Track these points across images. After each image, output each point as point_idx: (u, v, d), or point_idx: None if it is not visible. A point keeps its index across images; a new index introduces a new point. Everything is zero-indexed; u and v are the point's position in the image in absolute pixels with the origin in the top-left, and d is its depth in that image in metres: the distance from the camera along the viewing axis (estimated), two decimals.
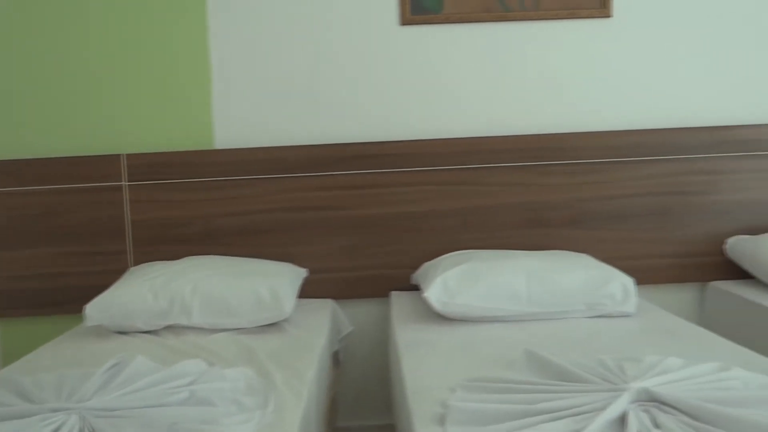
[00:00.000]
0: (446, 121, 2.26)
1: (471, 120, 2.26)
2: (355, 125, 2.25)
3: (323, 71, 2.23)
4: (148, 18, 2.19)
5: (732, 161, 2.26)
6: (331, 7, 2.21)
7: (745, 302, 2.04)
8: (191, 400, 1.23)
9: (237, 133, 2.23)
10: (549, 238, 2.24)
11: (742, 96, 2.29)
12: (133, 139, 2.23)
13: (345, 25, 2.22)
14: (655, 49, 2.26)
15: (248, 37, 2.21)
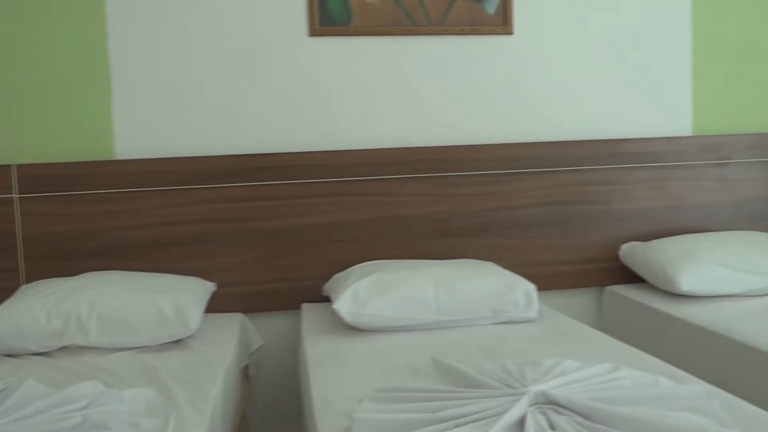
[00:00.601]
0: (356, 132, 2.27)
1: (381, 131, 2.28)
2: (262, 136, 2.22)
3: (231, 80, 2.19)
4: (40, 19, 2.08)
5: (626, 172, 2.40)
6: (240, 16, 2.18)
7: (636, 305, 2.16)
8: (84, 424, 1.16)
9: (139, 143, 2.15)
10: (457, 247, 2.29)
11: (635, 111, 2.44)
12: (26, 149, 2.10)
13: (253, 35, 2.19)
14: (554, 65, 2.38)
15: (151, 43, 2.14)
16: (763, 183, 2.47)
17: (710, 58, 2.48)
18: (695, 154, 2.43)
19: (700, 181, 2.44)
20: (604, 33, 2.40)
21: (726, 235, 2.27)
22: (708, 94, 2.48)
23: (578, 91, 2.40)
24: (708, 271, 2.04)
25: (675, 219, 2.43)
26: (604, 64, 2.41)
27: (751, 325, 1.75)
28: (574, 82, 2.40)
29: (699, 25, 2.46)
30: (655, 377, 1.30)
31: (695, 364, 1.83)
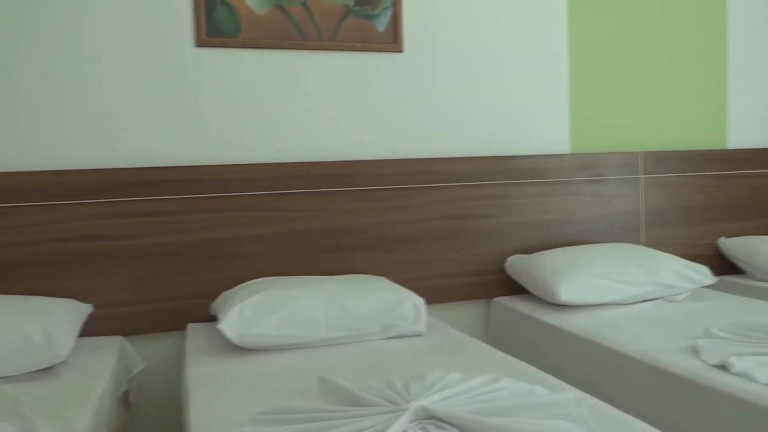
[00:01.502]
0: (244, 145, 2.22)
1: (270, 145, 2.25)
2: (145, 148, 2.12)
3: (112, 90, 2.08)
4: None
5: (512, 187, 2.50)
6: (123, 24, 2.08)
7: (521, 315, 2.25)
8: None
9: (9, 155, 1.99)
10: (349, 262, 2.29)
11: (519, 129, 2.55)
12: None
13: (137, 44, 2.10)
14: (443, 84, 2.44)
15: (26, 47, 1.99)
16: (633, 198, 2.65)
17: (585, 82, 2.64)
18: (573, 171, 2.58)
19: (578, 197, 2.58)
20: (489, 55, 2.50)
21: (602, 247, 2.42)
22: (583, 115, 2.64)
23: (465, 109, 2.48)
24: (585, 281, 2.15)
25: (557, 232, 2.55)
26: (490, 84, 2.51)
27: (622, 333, 1.86)
28: (461, 100, 2.47)
29: (574, 52, 2.61)
30: (531, 387, 1.34)
31: (574, 371, 1.92)
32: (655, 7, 2.72)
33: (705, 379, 1.46)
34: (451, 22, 2.44)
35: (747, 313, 2.02)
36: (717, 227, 2.79)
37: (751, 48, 2.89)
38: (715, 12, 2.82)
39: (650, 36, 2.72)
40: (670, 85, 2.77)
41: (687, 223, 2.74)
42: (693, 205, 2.75)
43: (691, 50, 2.79)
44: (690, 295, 2.31)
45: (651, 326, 1.92)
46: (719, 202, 2.80)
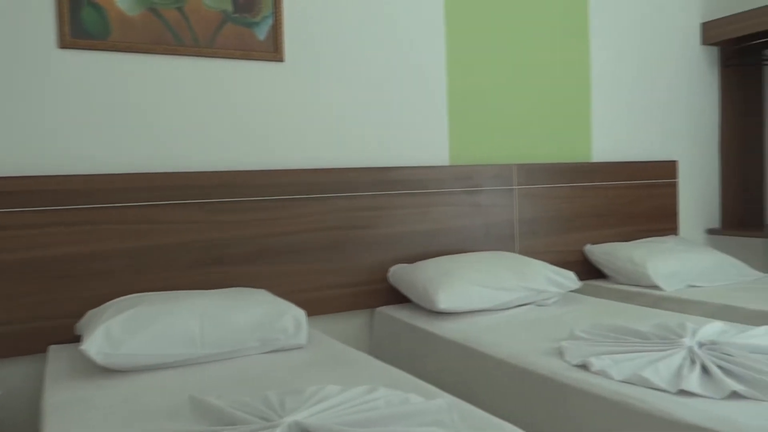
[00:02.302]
0: (113, 154, 2.10)
1: (141, 154, 2.14)
2: (3, 156, 1.95)
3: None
4: None
5: (393, 198, 2.54)
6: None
7: (403, 324, 2.29)
8: None
9: None
10: (229, 276, 2.22)
11: (399, 141, 2.60)
12: None
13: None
14: (324, 95, 2.44)
15: None
16: (507, 208, 2.78)
17: (463, 97, 2.74)
18: (452, 182, 2.66)
19: (457, 207, 2.67)
20: (370, 67, 2.53)
21: (478, 255, 2.51)
22: (461, 129, 2.74)
23: (347, 120, 2.49)
24: (462, 289, 2.22)
25: (437, 241, 2.62)
26: (372, 96, 2.54)
27: (495, 337, 1.94)
28: (343, 111, 2.48)
29: (452, 69, 2.71)
30: (406, 395, 1.36)
31: (452, 377, 1.98)
32: (526, 30, 2.88)
33: (567, 379, 1.55)
34: (332, 34, 2.45)
35: (608, 315, 2.17)
36: (583, 235, 2.99)
37: (610, 71, 3.13)
38: (579, 37, 3.03)
39: (522, 57, 2.88)
40: (540, 103, 2.94)
41: (556, 231, 2.91)
42: (561, 214, 2.93)
43: (559, 71, 2.98)
44: (559, 299, 2.45)
45: (522, 330, 2.02)
46: (585, 212, 3.00)
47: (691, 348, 1.59)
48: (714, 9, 3.41)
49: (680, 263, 2.71)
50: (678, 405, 1.33)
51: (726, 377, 1.41)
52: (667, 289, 2.57)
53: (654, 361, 1.54)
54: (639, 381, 1.46)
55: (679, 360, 1.54)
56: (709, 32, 3.34)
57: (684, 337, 1.70)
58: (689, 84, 3.37)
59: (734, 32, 3.22)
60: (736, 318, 2.21)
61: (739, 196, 3.48)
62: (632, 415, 1.37)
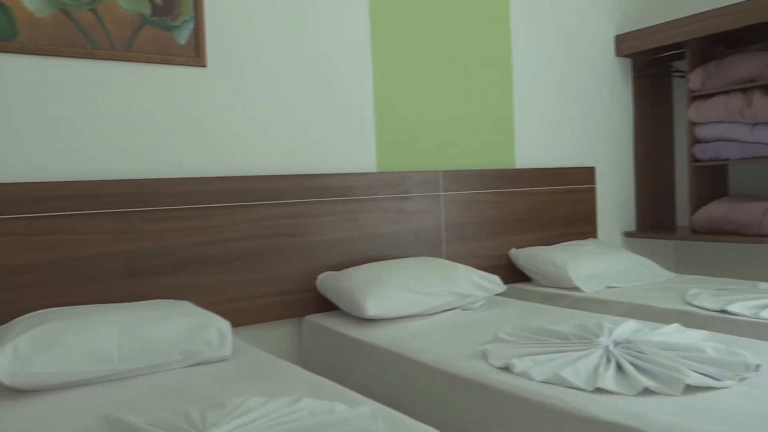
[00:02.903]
0: (26, 162, 1.99)
1: (54, 162, 2.04)
2: None
3: None
4: None
5: (321, 205, 2.52)
6: None
7: (331, 332, 2.27)
8: None
9: None
10: (150, 287, 2.15)
11: (327, 148, 2.59)
12: None
13: None
14: (248, 101, 2.40)
15: None
16: (434, 214, 2.82)
17: (389, 104, 2.76)
18: (381, 189, 2.68)
19: (385, 213, 2.68)
20: (295, 74, 2.51)
21: (406, 261, 2.53)
22: (389, 136, 2.76)
23: (273, 127, 2.46)
24: (390, 295, 2.23)
25: (365, 248, 2.62)
26: (298, 102, 2.52)
27: (422, 343, 1.96)
28: (269, 118, 2.45)
29: (378, 77, 2.73)
30: (331, 404, 1.35)
31: (381, 383, 1.98)
32: (450, 40, 2.94)
33: (490, 381, 1.58)
34: (257, 39, 2.42)
35: (531, 317, 2.23)
36: (508, 239, 3.07)
37: (531, 81, 3.23)
38: (502, 48, 3.11)
39: (447, 66, 2.93)
40: (465, 111, 2.99)
41: (482, 236, 2.97)
42: (487, 220, 2.99)
43: (483, 81, 3.05)
44: (485, 302, 2.50)
45: (449, 334, 2.05)
46: (509, 217, 3.07)
47: (607, 347, 1.65)
48: (627, 22, 3.58)
49: (599, 265, 2.82)
50: (593, 403, 1.37)
51: (638, 374, 1.47)
52: (587, 291, 2.67)
53: (572, 360, 1.59)
54: (558, 381, 1.50)
55: (596, 359, 1.59)
56: (623, 45, 3.51)
57: (601, 336, 1.76)
58: (605, 94, 3.52)
59: (645, 45, 3.39)
60: (649, 316, 2.31)
61: (652, 201, 3.66)
62: (551, 415, 1.41)
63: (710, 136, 3.21)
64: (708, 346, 1.65)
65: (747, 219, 3.02)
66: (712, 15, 3.07)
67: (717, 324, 2.14)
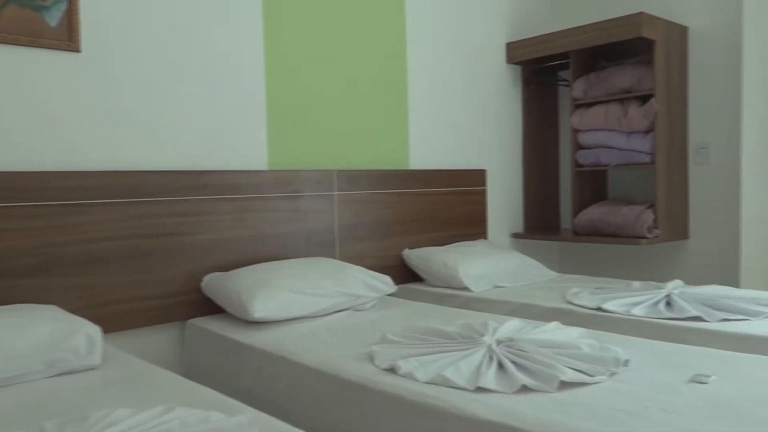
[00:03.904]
0: None
1: None
2: None
3: None
4: None
5: (208, 203, 2.41)
6: None
7: (216, 336, 2.17)
8: None
9: None
10: (11, 291, 1.96)
11: (214, 144, 2.48)
12: None
13: None
14: (130, 91, 2.26)
15: None
16: (327, 214, 2.78)
17: (282, 101, 2.69)
18: (272, 188, 2.60)
19: (276, 213, 2.61)
20: (182, 65, 2.39)
21: (296, 261, 2.47)
22: (281, 133, 2.69)
23: (156, 120, 2.33)
24: (278, 297, 2.16)
25: (255, 248, 2.54)
26: (184, 95, 2.40)
27: (309, 345, 1.91)
28: (153, 110, 2.31)
29: (271, 72, 2.65)
30: (206, 413, 1.28)
31: (266, 388, 1.91)
32: (346, 40, 2.91)
33: (375, 383, 1.56)
34: (139, 25, 2.27)
35: (421, 317, 2.24)
36: (401, 239, 3.08)
37: (425, 84, 3.27)
38: (397, 50, 3.13)
39: (342, 66, 2.90)
40: (360, 112, 2.98)
41: (376, 236, 2.97)
42: (381, 220, 2.99)
43: (378, 82, 3.05)
44: (376, 303, 2.49)
45: (338, 336, 2.01)
46: (403, 217, 3.09)
47: (490, 346, 1.68)
48: (517, 30, 3.71)
49: (487, 266, 2.89)
50: (473, 402, 1.39)
51: (518, 372, 1.50)
52: (476, 291, 2.73)
53: (456, 360, 1.60)
54: (441, 381, 1.51)
55: (479, 358, 1.62)
56: (513, 52, 3.63)
57: (485, 335, 1.79)
58: (496, 99, 3.63)
59: (533, 53, 3.53)
60: (533, 315, 2.39)
61: (539, 203, 3.82)
62: (434, 415, 1.41)
63: (591, 143, 3.39)
64: (583, 343, 1.72)
65: (623, 221, 3.20)
66: (594, 28, 3.24)
67: (593, 321, 2.25)
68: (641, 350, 1.74)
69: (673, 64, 3.20)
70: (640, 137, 3.20)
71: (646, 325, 2.14)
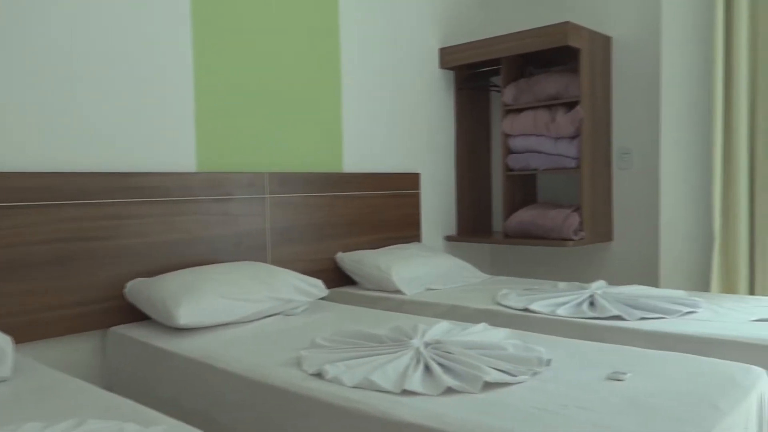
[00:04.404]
0: None
1: None
2: None
3: None
4: None
5: (133, 206, 2.33)
6: None
7: (140, 344, 2.10)
8: None
9: None
10: None
11: (139, 145, 2.40)
12: None
13: None
14: (46, 85, 2.15)
15: None
16: (258, 217, 2.73)
17: (212, 102, 2.63)
18: (201, 190, 2.54)
19: (205, 216, 2.55)
20: (104, 61, 2.30)
21: (226, 266, 2.42)
22: (210, 135, 2.63)
23: (76, 118, 2.23)
24: (205, 302, 2.11)
25: (183, 253, 2.47)
26: (106, 92, 2.30)
27: (237, 352, 1.87)
28: (70, 107, 2.21)
29: (199, 72, 2.59)
30: (121, 425, 1.23)
31: (191, 397, 1.86)
32: (278, 41, 2.87)
33: (301, 388, 1.54)
34: (59, 18, 2.17)
35: (353, 321, 2.23)
36: (335, 243, 3.07)
37: (359, 87, 3.27)
38: (330, 54, 3.11)
39: (274, 68, 2.86)
40: (293, 114, 2.95)
41: (309, 239, 2.94)
42: (314, 223, 2.97)
43: (311, 85, 3.02)
44: (308, 307, 2.47)
45: (266, 341, 1.98)
46: (337, 220, 3.08)
47: (417, 348, 1.69)
48: (450, 36, 3.77)
49: (420, 268, 2.92)
50: (399, 405, 1.39)
51: (443, 374, 1.52)
52: (408, 293, 2.75)
53: (383, 364, 1.60)
54: (368, 385, 1.50)
55: (407, 361, 1.62)
56: (446, 57, 3.68)
57: (414, 338, 1.80)
58: (430, 103, 3.67)
59: (465, 59, 3.59)
60: (463, 317, 2.43)
61: (471, 206, 3.88)
62: (359, 420, 1.41)
63: (521, 148, 3.47)
64: (509, 344, 1.75)
65: (551, 224, 3.30)
66: (523, 36, 3.32)
67: (521, 322, 2.30)
68: (563, 349, 1.79)
69: (597, 73, 3.32)
70: (566, 142, 3.30)
71: (570, 324, 2.20)
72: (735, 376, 1.55)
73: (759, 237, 2.84)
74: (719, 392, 1.44)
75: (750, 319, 2.11)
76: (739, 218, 2.88)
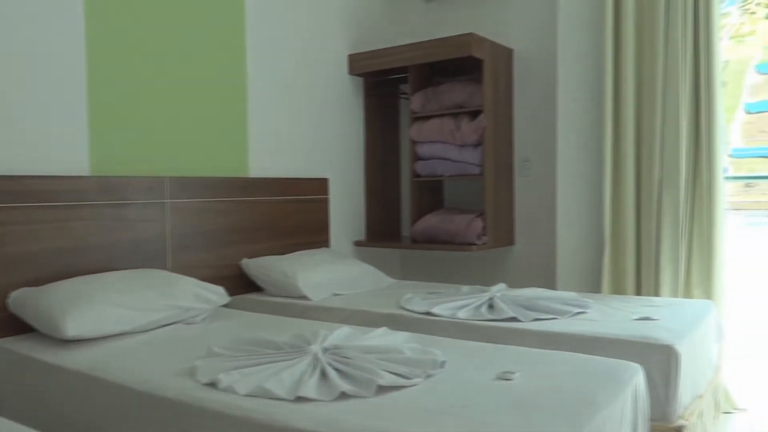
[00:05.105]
0: None
1: None
2: None
3: None
4: None
5: (20, 212, 2.20)
6: None
7: (25, 358, 1.98)
8: None
9: None
10: None
11: (29, 145, 2.27)
12: None
13: None
14: None
15: None
16: (159, 222, 2.64)
17: (107, 104, 2.52)
18: (95, 195, 2.43)
19: (100, 221, 2.44)
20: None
21: (120, 273, 2.32)
22: (105, 138, 2.52)
23: None
24: (95, 312, 2.02)
25: (75, 260, 2.35)
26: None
27: (129, 363, 1.80)
28: None
29: (93, 71, 2.48)
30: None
31: (78, 413, 1.77)
32: (181, 43, 2.80)
33: (193, 399, 1.50)
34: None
35: (254, 328, 2.20)
36: (240, 248, 3.01)
37: (266, 92, 3.23)
38: (236, 57, 3.06)
39: (177, 71, 2.78)
40: (196, 118, 2.87)
41: (212, 245, 2.88)
42: (218, 229, 2.90)
43: (216, 88, 2.96)
44: (209, 315, 2.41)
45: (161, 352, 1.92)
46: (242, 226, 3.03)
47: (315, 354, 1.69)
48: (360, 43, 3.80)
49: (327, 274, 2.92)
50: (292, 412, 1.39)
51: (338, 379, 1.52)
52: (314, 299, 2.74)
53: (279, 371, 1.59)
54: (261, 393, 1.49)
55: (304, 367, 1.62)
56: (354, 63, 3.71)
57: (313, 344, 1.80)
58: (339, 108, 3.68)
59: (373, 66, 3.63)
60: (366, 321, 2.45)
61: (380, 212, 3.92)
62: (252, 428, 1.39)
63: (428, 154, 3.55)
64: (407, 347, 1.79)
65: (456, 229, 3.38)
66: (428, 45, 3.40)
67: (422, 325, 2.34)
68: (458, 351, 1.84)
69: (500, 83, 3.45)
70: (470, 150, 3.40)
71: (469, 327, 2.27)
72: (614, 372, 1.65)
73: (645, 241, 3.04)
74: (598, 388, 1.52)
75: (633, 318, 2.25)
76: (627, 224, 3.06)
